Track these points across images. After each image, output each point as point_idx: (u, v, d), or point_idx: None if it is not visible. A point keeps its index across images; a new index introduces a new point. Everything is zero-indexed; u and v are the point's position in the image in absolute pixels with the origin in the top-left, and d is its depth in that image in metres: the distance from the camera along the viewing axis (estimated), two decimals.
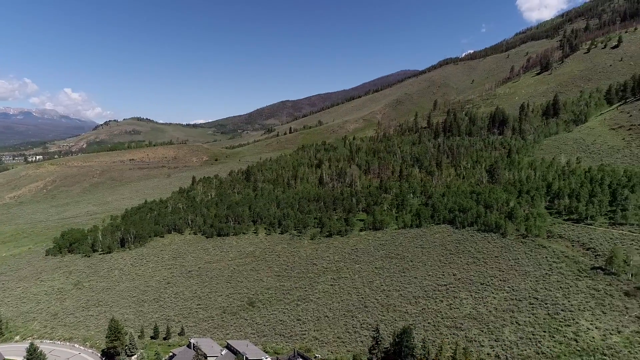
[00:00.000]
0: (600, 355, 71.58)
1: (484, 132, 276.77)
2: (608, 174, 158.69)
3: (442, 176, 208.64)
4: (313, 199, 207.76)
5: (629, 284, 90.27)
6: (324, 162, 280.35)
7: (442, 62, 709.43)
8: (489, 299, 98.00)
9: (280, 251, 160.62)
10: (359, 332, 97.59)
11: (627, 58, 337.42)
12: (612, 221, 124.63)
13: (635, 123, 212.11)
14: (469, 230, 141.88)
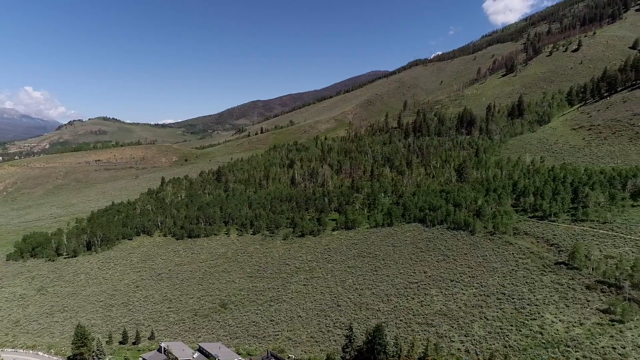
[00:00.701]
0: (564, 347, 74.21)
1: (452, 132, 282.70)
2: (570, 172, 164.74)
3: (412, 175, 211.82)
4: (285, 199, 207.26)
5: (590, 278, 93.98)
6: (296, 162, 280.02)
7: (412, 63, 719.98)
8: (458, 295, 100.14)
9: (252, 252, 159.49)
10: (332, 331, 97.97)
11: (587, 61, 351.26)
12: (574, 218, 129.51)
13: (594, 123, 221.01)
14: (439, 229, 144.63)
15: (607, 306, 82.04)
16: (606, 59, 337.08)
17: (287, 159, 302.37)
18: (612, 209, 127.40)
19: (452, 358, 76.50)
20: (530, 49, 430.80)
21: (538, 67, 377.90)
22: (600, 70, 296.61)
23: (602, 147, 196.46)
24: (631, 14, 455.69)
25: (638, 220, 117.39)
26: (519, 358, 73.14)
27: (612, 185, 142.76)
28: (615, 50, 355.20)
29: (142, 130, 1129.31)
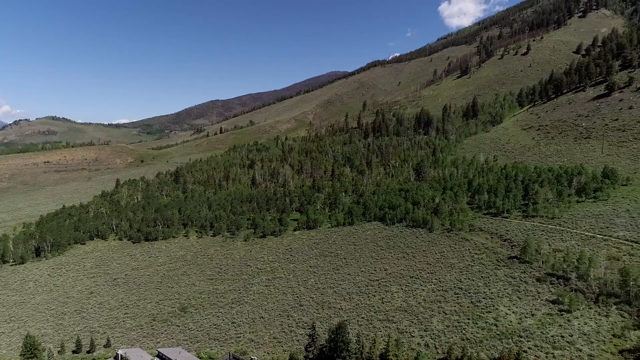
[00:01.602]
0: (517, 338, 77.49)
1: (410, 132, 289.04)
2: (521, 170, 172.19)
3: (372, 175, 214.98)
4: (246, 199, 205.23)
5: (540, 271, 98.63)
6: (256, 162, 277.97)
7: (371, 64, 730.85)
8: (418, 291, 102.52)
9: (212, 254, 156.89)
10: (295, 331, 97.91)
11: (535, 64, 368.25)
12: (525, 214, 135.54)
13: (542, 124, 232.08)
14: (398, 227, 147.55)
15: (556, 297, 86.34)
16: (553, 63, 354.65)
17: (247, 159, 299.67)
18: (559, 205, 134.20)
19: (412, 353, 78.22)
20: (483, 52, 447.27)
21: (491, 70, 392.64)
22: (547, 73, 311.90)
23: (550, 146, 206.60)
24: (575, 20, 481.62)
25: (583, 215, 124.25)
26: (475, 350, 75.74)
27: (560, 182, 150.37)
28: (561, 55, 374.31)
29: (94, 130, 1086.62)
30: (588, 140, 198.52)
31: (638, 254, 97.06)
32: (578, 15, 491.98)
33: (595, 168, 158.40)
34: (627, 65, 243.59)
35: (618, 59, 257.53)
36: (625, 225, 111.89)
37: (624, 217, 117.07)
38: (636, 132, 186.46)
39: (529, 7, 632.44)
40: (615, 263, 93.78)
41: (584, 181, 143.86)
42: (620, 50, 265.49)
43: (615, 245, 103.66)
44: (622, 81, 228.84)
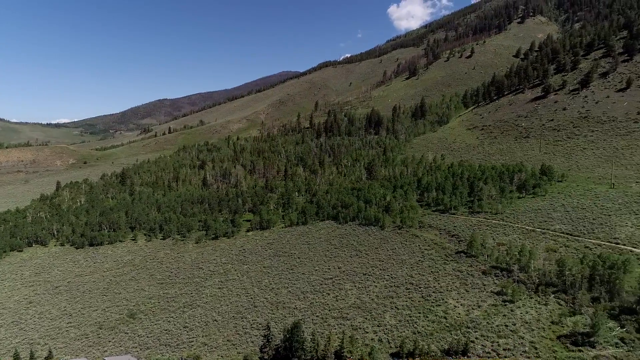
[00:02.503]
0: (465, 329, 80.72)
1: (361, 132, 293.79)
2: (466, 168, 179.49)
3: (325, 174, 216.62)
4: (197, 201, 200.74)
5: (485, 264, 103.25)
6: (207, 162, 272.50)
7: (322, 64, 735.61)
8: (371, 288, 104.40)
9: (162, 257, 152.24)
10: (249, 332, 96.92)
11: (479, 67, 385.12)
12: (471, 210, 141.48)
13: (486, 124, 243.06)
14: (351, 225, 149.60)
15: (500, 288, 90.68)
16: (495, 66, 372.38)
17: (197, 159, 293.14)
18: (502, 201, 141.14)
19: (366, 348, 79.55)
20: (430, 55, 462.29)
21: (437, 72, 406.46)
22: (490, 75, 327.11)
23: (492, 145, 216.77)
24: (514, 25, 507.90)
25: (523, 211, 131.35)
26: (426, 342, 78.15)
27: (502, 179, 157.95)
28: (502, 58, 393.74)
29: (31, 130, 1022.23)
30: (527, 139, 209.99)
31: (573, 246, 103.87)
32: (517, 21, 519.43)
33: (534, 166, 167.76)
34: (561, 69, 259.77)
35: (553, 63, 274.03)
36: (561, 219, 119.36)
37: (559, 211, 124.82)
38: (569, 132, 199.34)
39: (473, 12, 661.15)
40: (553, 254, 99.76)
41: (524, 178, 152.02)
42: (554, 55, 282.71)
43: (552, 237, 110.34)
44: (557, 84, 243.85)
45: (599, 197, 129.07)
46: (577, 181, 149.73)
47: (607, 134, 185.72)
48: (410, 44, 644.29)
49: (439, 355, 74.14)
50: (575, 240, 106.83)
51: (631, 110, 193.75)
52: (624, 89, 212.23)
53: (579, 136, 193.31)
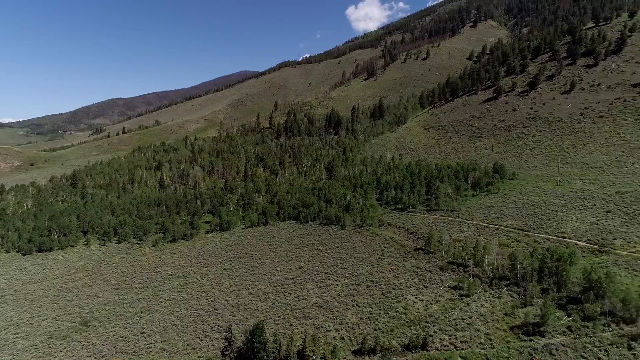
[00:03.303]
0: (424, 324, 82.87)
1: (321, 132, 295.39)
2: (424, 168, 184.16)
3: (285, 174, 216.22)
4: (154, 203, 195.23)
5: (442, 260, 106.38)
6: (164, 163, 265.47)
7: (281, 64, 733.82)
8: (332, 287, 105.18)
9: (117, 262, 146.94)
10: (210, 335, 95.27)
11: (434, 69, 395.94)
12: (428, 208, 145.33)
13: (441, 124, 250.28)
14: (312, 225, 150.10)
15: (456, 283, 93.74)
16: (449, 68, 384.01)
17: (154, 160, 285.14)
18: (457, 198, 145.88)
19: (329, 347, 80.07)
20: (388, 56, 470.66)
21: (395, 73, 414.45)
22: (445, 77, 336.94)
23: (448, 145, 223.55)
24: (467, 29, 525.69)
25: (477, 208, 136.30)
26: (387, 338, 79.61)
27: (457, 178, 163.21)
28: (456, 60, 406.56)
29: None
30: (480, 139, 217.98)
31: (523, 240, 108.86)
32: (470, 25, 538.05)
33: (487, 164, 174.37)
34: (511, 71, 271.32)
35: (503, 65, 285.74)
36: (513, 215, 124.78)
37: (511, 207, 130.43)
38: (519, 132, 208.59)
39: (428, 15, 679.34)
40: (505, 249, 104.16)
41: (478, 176, 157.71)
42: (505, 58, 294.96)
43: (505, 233, 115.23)
44: (507, 86, 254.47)
45: (547, 193, 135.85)
46: (526, 179, 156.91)
47: (554, 134, 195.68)
48: (368, 46, 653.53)
49: (400, 350, 75.75)
50: (526, 235, 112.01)
51: (575, 111, 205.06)
52: (568, 91, 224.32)
53: (528, 136, 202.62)
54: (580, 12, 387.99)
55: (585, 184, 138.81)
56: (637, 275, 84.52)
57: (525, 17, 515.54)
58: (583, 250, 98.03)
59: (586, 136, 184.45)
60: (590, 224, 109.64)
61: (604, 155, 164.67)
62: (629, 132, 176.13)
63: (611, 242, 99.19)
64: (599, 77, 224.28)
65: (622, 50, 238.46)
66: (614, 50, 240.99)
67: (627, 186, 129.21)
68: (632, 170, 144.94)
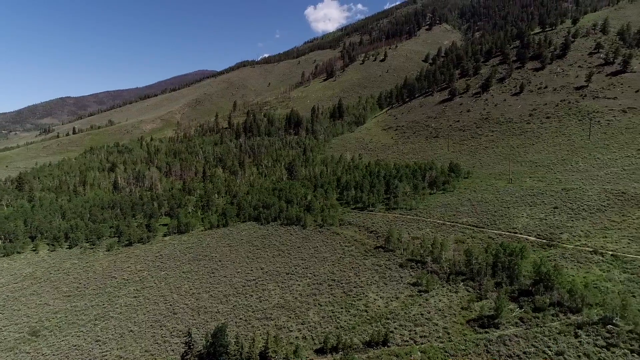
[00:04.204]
0: (384, 320, 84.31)
1: (281, 133, 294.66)
2: (383, 167, 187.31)
3: (245, 175, 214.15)
4: (108, 205, 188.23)
5: (402, 257, 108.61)
6: (118, 165, 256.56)
7: (240, 64, 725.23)
8: (294, 287, 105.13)
9: (69, 268, 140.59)
10: (169, 340, 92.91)
11: (392, 70, 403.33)
12: (388, 207, 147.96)
13: (399, 125, 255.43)
14: (273, 225, 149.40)
15: (415, 280, 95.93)
16: (406, 69, 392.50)
17: (107, 162, 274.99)
18: (415, 197, 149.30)
19: (291, 347, 79.98)
20: (347, 57, 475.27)
21: (354, 74, 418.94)
22: (402, 78, 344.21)
23: (406, 144, 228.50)
24: (423, 32, 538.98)
25: (435, 206, 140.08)
26: (349, 336, 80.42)
27: (415, 177, 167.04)
28: (413, 62, 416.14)
29: None
30: (436, 139, 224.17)
31: (478, 236, 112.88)
32: (425, 28, 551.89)
33: (443, 163, 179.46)
34: (465, 74, 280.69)
35: (458, 68, 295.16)
36: (468, 212, 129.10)
37: (466, 205, 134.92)
38: (473, 132, 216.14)
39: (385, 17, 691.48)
40: (461, 245, 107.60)
41: (435, 175, 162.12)
42: (459, 61, 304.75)
43: (461, 230, 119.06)
44: (462, 88, 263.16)
45: (499, 191, 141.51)
46: (480, 177, 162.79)
47: (505, 134, 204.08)
48: (327, 46, 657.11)
49: (361, 347, 76.70)
50: (480, 231, 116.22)
51: (524, 112, 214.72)
52: (518, 93, 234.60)
53: (482, 136, 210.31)
54: (528, 17, 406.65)
55: (534, 182, 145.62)
56: (582, 267, 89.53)
57: (477, 21, 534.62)
58: (533, 245, 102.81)
59: (535, 136, 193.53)
60: (539, 220, 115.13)
61: (551, 154, 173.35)
62: (573, 132, 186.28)
63: (558, 236, 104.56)
64: (546, 80, 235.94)
65: (567, 55, 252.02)
66: (559, 54, 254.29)
67: (572, 183, 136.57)
68: (576, 169, 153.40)
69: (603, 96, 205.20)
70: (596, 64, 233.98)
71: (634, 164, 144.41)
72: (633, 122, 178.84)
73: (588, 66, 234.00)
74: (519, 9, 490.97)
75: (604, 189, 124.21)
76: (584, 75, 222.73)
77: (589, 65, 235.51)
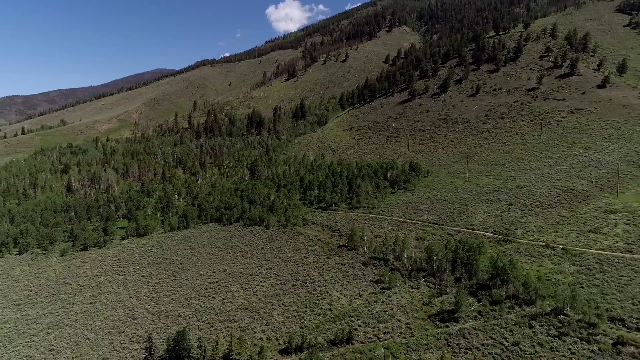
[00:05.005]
0: (349, 318, 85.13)
1: (243, 133, 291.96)
2: (345, 167, 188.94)
3: (206, 176, 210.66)
4: (61, 209, 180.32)
5: (364, 256, 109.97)
6: (71, 166, 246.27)
7: (200, 63, 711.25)
8: (258, 288, 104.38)
9: (18, 275, 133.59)
10: (128, 347, 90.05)
11: (353, 71, 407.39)
12: (350, 206, 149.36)
13: (361, 125, 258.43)
14: (235, 226, 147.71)
15: (378, 277, 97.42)
16: (367, 70, 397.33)
17: (60, 163, 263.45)
18: (377, 196, 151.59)
19: (255, 348, 79.37)
20: (308, 57, 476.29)
21: (315, 74, 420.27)
22: (363, 79, 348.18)
23: (368, 144, 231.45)
24: (383, 34, 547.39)
25: (396, 204, 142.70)
26: (313, 335, 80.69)
27: (377, 176, 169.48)
28: (373, 63, 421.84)
29: None
30: (397, 138, 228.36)
31: (438, 233, 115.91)
32: (385, 29, 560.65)
33: (404, 163, 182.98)
34: (424, 75, 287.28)
35: (417, 69, 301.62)
36: (428, 210, 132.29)
37: (426, 203, 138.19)
38: (432, 132, 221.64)
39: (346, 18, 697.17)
40: (422, 242, 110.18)
41: (396, 174, 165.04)
42: (418, 62, 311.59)
43: (422, 227, 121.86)
44: (421, 88, 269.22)
45: (458, 189, 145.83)
46: (439, 176, 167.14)
47: (462, 134, 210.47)
48: (289, 46, 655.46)
49: (326, 346, 77.15)
50: (440, 228, 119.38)
51: (480, 113, 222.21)
52: (474, 94, 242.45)
53: (440, 136, 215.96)
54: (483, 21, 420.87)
55: (491, 180, 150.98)
56: (535, 261, 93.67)
57: (435, 24, 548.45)
58: (490, 241, 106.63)
59: (490, 136, 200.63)
60: (495, 216, 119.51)
61: (505, 153, 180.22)
62: (525, 132, 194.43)
63: (513, 232, 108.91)
64: (500, 81, 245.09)
65: (519, 58, 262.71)
66: (512, 57, 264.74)
67: (525, 181, 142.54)
68: (529, 167, 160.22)
69: (553, 98, 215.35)
70: (546, 67, 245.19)
71: (581, 162, 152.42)
72: (580, 123, 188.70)
73: (539, 69, 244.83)
74: (474, 13, 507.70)
75: (555, 186, 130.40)
76: (535, 77, 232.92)
77: (539, 68, 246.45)
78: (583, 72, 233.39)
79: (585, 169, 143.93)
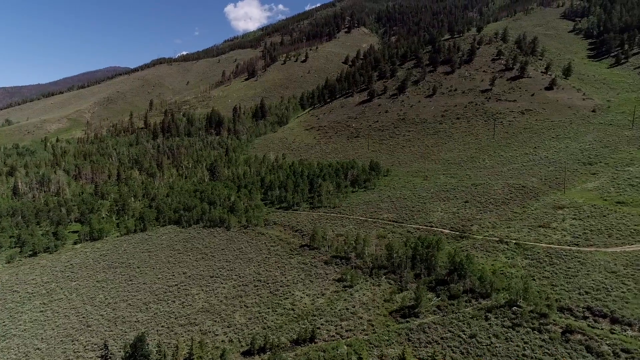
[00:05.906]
0: (311, 317, 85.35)
1: (202, 133, 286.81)
2: (306, 167, 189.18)
3: (164, 177, 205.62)
4: (7, 213, 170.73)
5: (326, 255, 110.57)
6: (18, 168, 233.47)
7: (156, 61, 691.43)
8: (219, 290, 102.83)
9: None
10: (83, 355, 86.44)
11: (313, 71, 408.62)
12: (312, 205, 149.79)
13: (322, 125, 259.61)
14: (195, 228, 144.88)
15: (340, 276, 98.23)
16: (327, 71, 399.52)
17: (5, 165, 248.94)
18: (339, 195, 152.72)
19: (217, 351, 78.20)
20: (268, 57, 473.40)
21: (275, 74, 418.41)
22: (323, 79, 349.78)
23: (328, 144, 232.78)
24: (342, 34, 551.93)
25: (357, 203, 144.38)
26: (276, 335, 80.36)
27: (338, 176, 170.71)
28: (333, 64, 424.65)
29: None
30: (357, 138, 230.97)
31: (398, 231, 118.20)
32: (344, 30, 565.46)
33: (364, 162, 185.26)
34: (383, 76, 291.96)
35: (376, 70, 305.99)
36: (388, 209, 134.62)
37: (386, 202, 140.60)
38: (391, 132, 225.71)
39: (306, 19, 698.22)
40: (383, 240, 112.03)
41: (357, 174, 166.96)
42: (377, 63, 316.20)
43: (382, 225, 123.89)
44: (380, 89, 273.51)
45: (416, 188, 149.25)
46: (399, 175, 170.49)
47: (420, 134, 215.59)
48: (248, 46, 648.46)
49: (289, 345, 77.03)
50: (400, 226, 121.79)
51: (437, 113, 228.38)
52: (431, 95, 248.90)
53: (399, 135, 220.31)
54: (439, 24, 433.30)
55: (447, 178, 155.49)
56: (490, 256, 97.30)
57: (393, 26, 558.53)
58: (447, 237, 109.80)
59: (447, 136, 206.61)
60: (452, 213, 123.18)
61: (461, 152, 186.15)
62: (480, 132, 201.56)
63: (469, 228, 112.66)
64: (455, 83, 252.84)
65: (473, 60, 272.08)
66: (466, 59, 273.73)
67: (480, 179, 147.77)
68: (483, 165, 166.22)
69: (505, 99, 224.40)
70: (498, 69, 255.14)
71: (531, 161, 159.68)
72: (530, 123, 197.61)
73: (492, 71, 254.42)
74: (430, 16, 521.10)
75: (507, 184, 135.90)
76: (488, 79, 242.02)
77: (492, 70, 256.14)
78: (532, 74, 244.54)
79: (535, 167, 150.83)
